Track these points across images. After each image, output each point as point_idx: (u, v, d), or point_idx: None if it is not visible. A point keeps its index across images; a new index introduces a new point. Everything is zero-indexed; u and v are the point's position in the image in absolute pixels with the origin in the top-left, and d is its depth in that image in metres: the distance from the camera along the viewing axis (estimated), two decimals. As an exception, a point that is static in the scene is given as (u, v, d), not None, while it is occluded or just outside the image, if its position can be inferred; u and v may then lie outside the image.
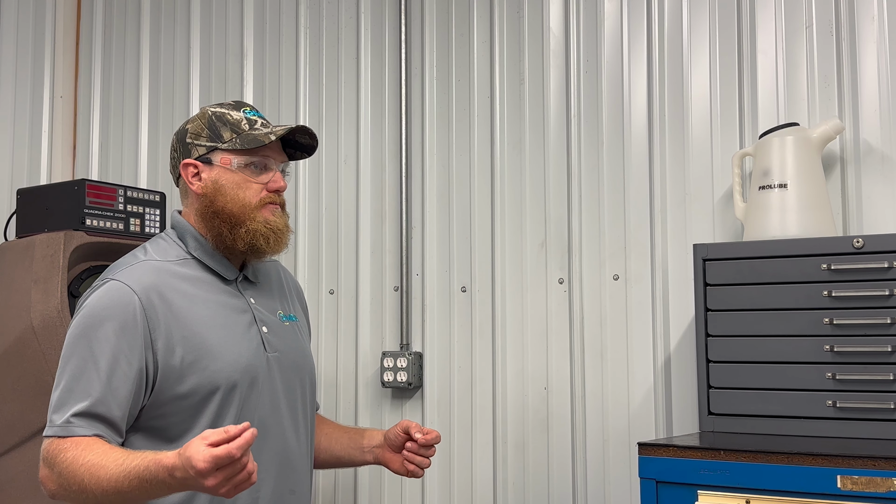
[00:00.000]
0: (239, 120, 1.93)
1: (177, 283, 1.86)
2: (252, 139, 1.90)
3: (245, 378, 1.85)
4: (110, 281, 1.83)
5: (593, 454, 2.69)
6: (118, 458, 1.64)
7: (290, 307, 2.08)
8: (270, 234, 1.91)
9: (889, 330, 2.10)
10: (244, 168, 1.91)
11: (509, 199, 2.85)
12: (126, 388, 1.76)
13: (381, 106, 3.07)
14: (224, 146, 1.91)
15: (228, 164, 1.90)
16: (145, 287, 1.82)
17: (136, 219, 2.99)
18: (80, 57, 3.59)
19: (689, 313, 2.55)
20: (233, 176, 1.90)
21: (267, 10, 3.28)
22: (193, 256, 1.92)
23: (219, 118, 1.93)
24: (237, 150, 1.90)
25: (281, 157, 1.96)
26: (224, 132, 1.92)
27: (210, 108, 1.97)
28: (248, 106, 1.97)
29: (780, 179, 2.35)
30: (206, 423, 1.81)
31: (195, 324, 1.84)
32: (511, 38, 2.90)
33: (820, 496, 1.85)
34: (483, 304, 2.86)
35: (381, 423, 2.97)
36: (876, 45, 2.44)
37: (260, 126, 1.93)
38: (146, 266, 1.87)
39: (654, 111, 2.69)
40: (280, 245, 1.93)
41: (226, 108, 1.95)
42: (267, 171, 1.93)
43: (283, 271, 2.16)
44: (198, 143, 1.93)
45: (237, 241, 1.89)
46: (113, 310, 1.78)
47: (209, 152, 1.92)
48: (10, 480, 2.75)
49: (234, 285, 1.95)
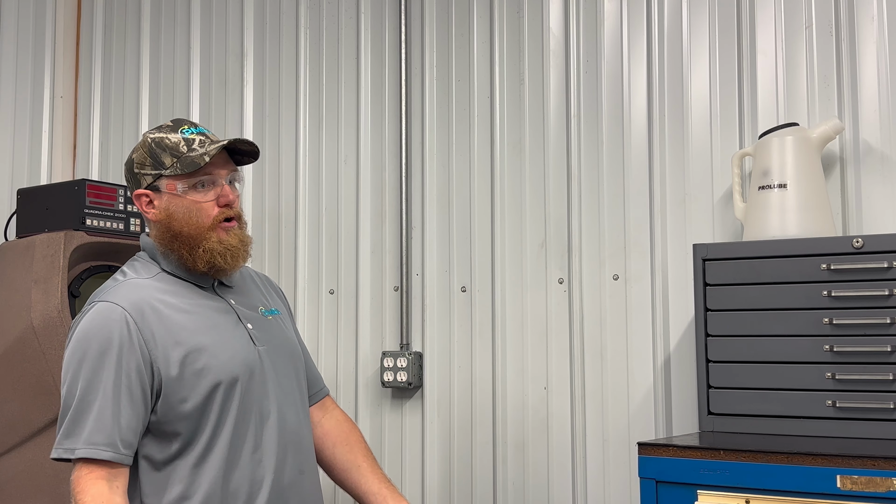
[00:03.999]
0: (177, 143, 1.95)
1: (161, 296, 1.91)
2: (190, 162, 1.92)
3: (244, 372, 1.91)
4: (98, 303, 1.88)
5: (593, 454, 2.69)
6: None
7: (270, 302, 2.12)
8: (227, 252, 1.94)
9: (889, 330, 2.10)
10: (190, 190, 1.94)
11: (509, 199, 2.86)
12: (132, 401, 1.82)
13: (381, 106, 3.07)
14: (167, 172, 1.94)
15: (174, 189, 1.93)
16: (133, 303, 1.87)
17: (137, 219, 2.99)
18: (80, 57, 3.59)
19: (689, 313, 2.55)
20: (181, 201, 1.93)
21: (267, 10, 3.28)
22: (167, 272, 1.97)
23: (158, 144, 1.96)
24: (179, 174, 1.93)
25: (227, 168, 1.99)
26: (165, 158, 1.94)
27: (150, 134, 2.00)
28: (186, 124, 2.00)
29: (779, 179, 2.35)
30: (213, 419, 1.86)
31: (186, 329, 1.89)
32: (511, 38, 2.90)
33: (820, 496, 1.85)
34: (483, 304, 2.87)
35: (381, 424, 2.97)
36: (876, 45, 2.45)
37: (197, 145, 1.95)
38: (129, 285, 1.92)
39: (654, 111, 2.69)
40: (237, 261, 1.97)
41: (164, 132, 1.98)
42: (215, 186, 1.96)
43: (253, 272, 2.20)
44: (144, 172, 1.96)
45: (197, 262, 1.94)
46: (107, 329, 1.83)
47: (155, 180, 1.95)
48: (9, 480, 2.75)
49: (212, 290, 2.00)
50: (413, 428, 2.94)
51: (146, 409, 1.84)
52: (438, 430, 2.90)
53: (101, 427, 1.78)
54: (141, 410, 1.83)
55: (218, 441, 1.86)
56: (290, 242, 3.15)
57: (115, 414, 1.79)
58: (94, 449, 1.77)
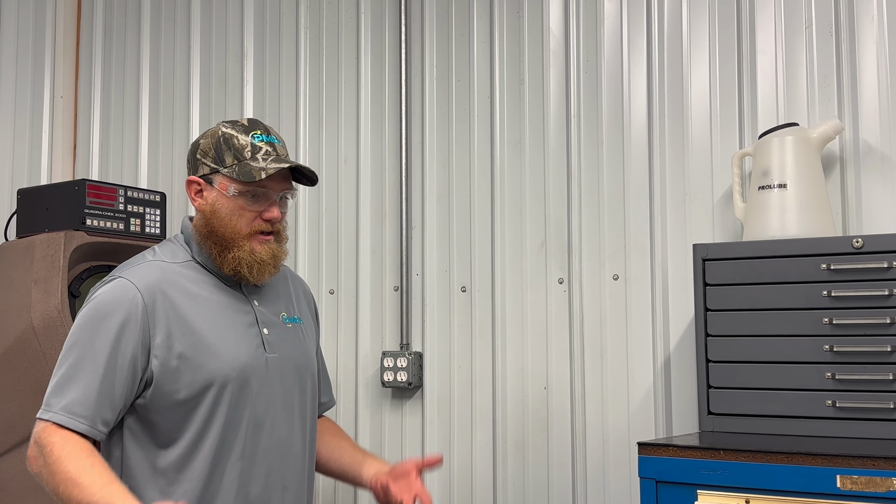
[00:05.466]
0: (244, 146, 1.94)
1: (181, 283, 1.92)
2: (247, 172, 1.91)
3: (239, 376, 1.89)
4: (118, 278, 1.90)
5: (593, 454, 2.69)
6: (93, 483, 1.72)
7: (296, 309, 2.10)
8: (254, 265, 1.93)
9: (889, 330, 2.10)
10: (240, 196, 1.93)
11: (509, 199, 2.86)
12: (120, 382, 1.83)
13: (381, 106, 3.07)
14: (224, 171, 1.93)
15: (226, 189, 1.93)
16: (149, 285, 1.87)
17: (137, 219, 2.99)
18: (80, 57, 3.59)
19: (689, 313, 2.55)
20: (228, 202, 1.93)
21: (267, 10, 3.28)
22: (197, 261, 1.96)
23: (226, 140, 1.95)
24: (234, 178, 1.92)
25: (282, 185, 1.97)
26: (227, 157, 1.93)
27: (223, 126, 1.98)
28: (260, 129, 1.97)
29: (779, 179, 2.35)
30: (201, 418, 1.86)
31: (195, 321, 1.88)
32: (511, 38, 2.90)
33: (820, 496, 1.85)
34: (483, 304, 2.87)
35: (381, 423, 2.97)
36: (876, 45, 2.45)
37: (261, 156, 1.94)
38: (152, 266, 1.93)
39: (654, 111, 2.69)
40: (263, 275, 1.95)
41: (236, 130, 1.96)
42: (266, 200, 1.95)
43: (292, 275, 2.19)
44: (204, 161, 1.96)
45: (224, 265, 1.93)
46: (116, 305, 1.85)
47: (212, 173, 1.94)
48: (10, 480, 2.75)
49: (238, 288, 1.99)
50: (413, 428, 2.94)
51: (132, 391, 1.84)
52: (438, 430, 2.90)
53: (85, 399, 1.79)
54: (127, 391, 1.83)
55: (205, 443, 1.86)
56: (290, 242, 3.12)
57: (102, 389, 1.80)
58: (71, 418, 1.78)
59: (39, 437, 1.80)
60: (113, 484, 1.72)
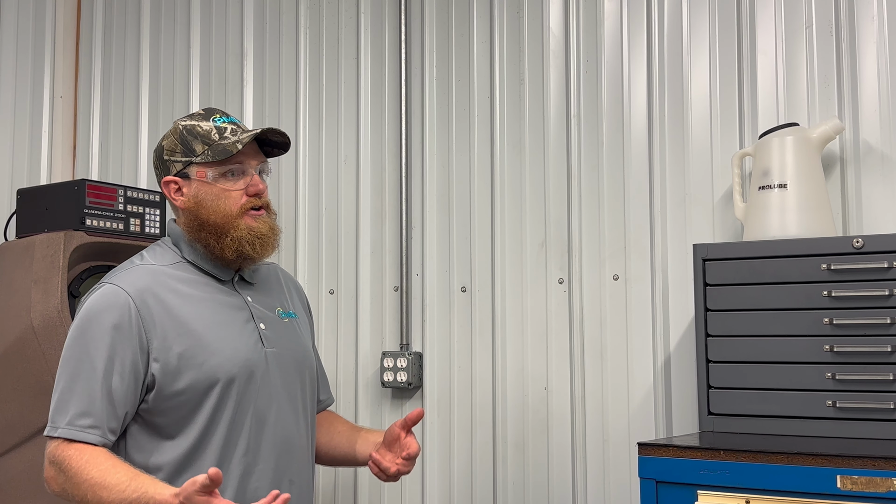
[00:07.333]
0: (209, 130, 1.95)
1: (172, 284, 1.91)
2: (222, 149, 1.92)
3: (243, 372, 1.90)
4: (106, 285, 1.90)
5: (593, 454, 2.69)
6: (120, 482, 1.72)
7: (290, 304, 2.11)
8: (256, 240, 1.94)
9: (889, 330, 2.10)
10: (220, 178, 1.94)
11: (509, 199, 2.86)
12: (122, 386, 1.82)
13: (381, 106, 3.07)
14: (198, 160, 1.94)
15: (204, 176, 1.94)
16: (139, 289, 1.87)
17: (137, 219, 2.99)
18: (80, 57, 3.59)
19: (689, 313, 2.55)
20: (210, 188, 1.93)
21: (267, 10, 3.28)
22: (188, 261, 1.97)
23: (189, 131, 1.96)
24: (210, 161, 1.93)
25: (257, 158, 1.99)
26: (196, 145, 1.94)
27: (181, 121, 2.00)
28: (217, 113, 2.00)
29: (779, 179, 2.35)
30: (205, 417, 1.86)
31: (191, 321, 1.88)
32: (511, 39, 2.90)
33: (820, 496, 1.85)
34: (483, 304, 2.87)
35: (381, 423, 2.97)
36: (876, 45, 2.45)
37: (229, 134, 1.95)
38: (141, 270, 1.93)
39: (654, 111, 2.69)
40: (267, 249, 1.96)
41: (196, 120, 1.98)
42: (244, 175, 1.96)
43: (282, 272, 2.19)
44: (174, 159, 1.96)
45: (225, 250, 1.93)
46: (107, 311, 1.85)
47: (185, 167, 1.95)
48: (10, 480, 2.75)
49: (231, 285, 1.99)
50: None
51: (136, 396, 1.84)
52: (438, 430, 2.90)
53: (89, 409, 1.79)
54: (131, 397, 1.83)
55: (210, 441, 1.86)
56: (290, 242, 3.15)
57: (104, 396, 1.80)
58: (80, 430, 1.79)
59: (54, 456, 1.80)
60: (140, 477, 1.73)
